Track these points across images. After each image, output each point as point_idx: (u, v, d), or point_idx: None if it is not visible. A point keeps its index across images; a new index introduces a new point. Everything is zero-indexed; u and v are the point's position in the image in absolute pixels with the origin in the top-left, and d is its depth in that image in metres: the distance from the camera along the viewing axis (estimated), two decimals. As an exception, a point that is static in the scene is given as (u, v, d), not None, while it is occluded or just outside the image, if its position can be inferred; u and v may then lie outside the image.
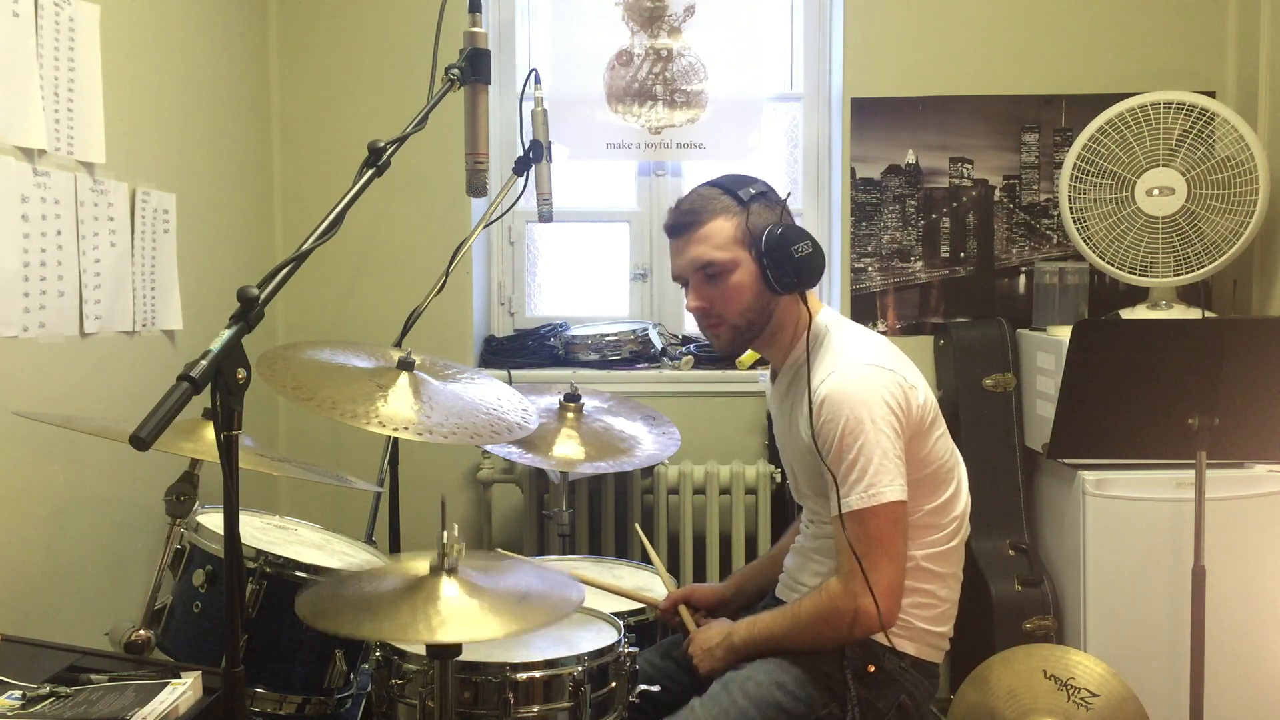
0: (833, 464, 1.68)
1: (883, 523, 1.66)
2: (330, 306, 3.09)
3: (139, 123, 2.29)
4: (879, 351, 1.79)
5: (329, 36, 3.07)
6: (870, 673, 1.74)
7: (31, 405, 1.92)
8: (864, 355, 1.76)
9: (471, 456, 3.03)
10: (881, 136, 3.04)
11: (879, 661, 1.75)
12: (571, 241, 3.33)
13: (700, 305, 1.84)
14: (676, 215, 1.86)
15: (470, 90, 1.69)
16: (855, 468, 1.66)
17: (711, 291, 1.82)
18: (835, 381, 1.71)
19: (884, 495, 1.65)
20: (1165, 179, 2.64)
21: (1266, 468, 2.50)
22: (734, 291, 1.81)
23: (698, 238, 1.82)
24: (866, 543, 1.66)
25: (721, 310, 1.83)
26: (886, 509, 1.66)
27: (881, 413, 1.68)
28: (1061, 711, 2.17)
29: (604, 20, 3.16)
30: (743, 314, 1.82)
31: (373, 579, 1.57)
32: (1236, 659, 2.46)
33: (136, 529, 2.26)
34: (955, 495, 1.82)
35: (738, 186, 1.83)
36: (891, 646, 1.74)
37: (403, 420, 1.73)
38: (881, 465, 1.66)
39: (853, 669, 1.73)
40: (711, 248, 1.80)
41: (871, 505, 1.65)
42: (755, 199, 1.81)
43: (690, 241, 1.83)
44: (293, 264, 1.32)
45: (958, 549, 1.83)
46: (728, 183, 1.85)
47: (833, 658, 1.74)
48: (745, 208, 1.80)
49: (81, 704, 1.39)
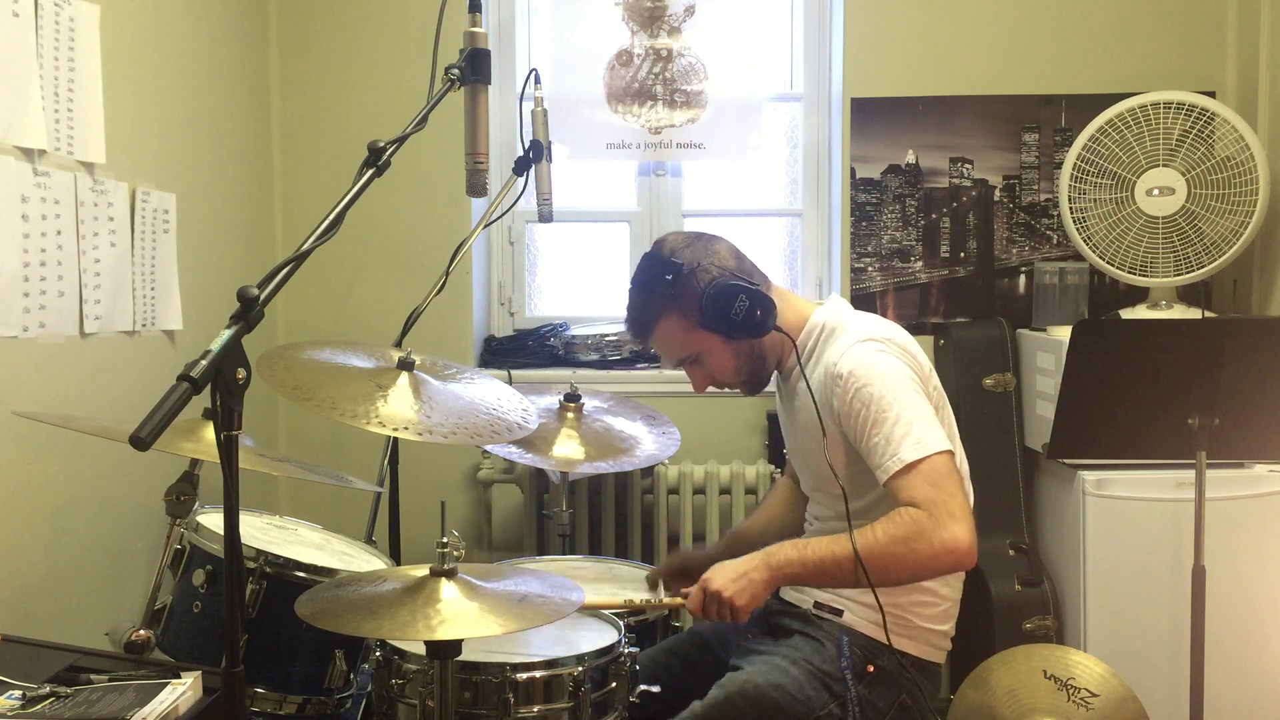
0: (872, 430, 1.69)
1: (941, 469, 1.64)
2: (330, 306, 3.09)
3: (139, 123, 2.29)
4: (887, 331, 1.82)
5: (329, 36, 3.07)
6: (870, 672, 1.74)
7: (31, 405, 1.92)
8: (876, 332, 1.80)
9: (471, 456, 3.03)
10: (881, 136, 3.04)
11: (879, 661, 1.75)
12: (571, 241, 3.32)
13: (704, 383, 1.91)
14: (628, 327, 1.92)
15: (470, 90, 1.69)
16: (899, 424, 1.66)
17: (703, 371, 1.89)
18: (855, 356, 1.74)
19: (935, 445, 1.65)
20: (1165, 179, 2.64)
21: (1266, 468, 2.50)
22: (717, 364, 1.87)
23: (657, 343, 1.90)
24: (942, 482, 1.63)
25: (722, 379, 1.90)
26: (941, 457, 1.65)
27: (910, 375, 1.73)
28: (1061, 711, 2.17)
29: (604, 20, 3.16)
30: (738, 371, 1.88)
31: (372, 581, 1.57)
32: (1236, 659, 2.46)
33: (136, 529, 2.26)
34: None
35: (655, 283, 1.82)
36: (891, 646, 1.74)
37: (403, 420, 1.73)
38: (924, 420, 1.68)
39: (852, 669, 1.73)
40: (674, 348, 1.87)
41: (926, 455, 1.64)
42: (676, 284, 1.79)
43: (654, 345, 1.91)
44: (293, 264, 1.31)
45: None
46: (647, 281, 1.84)
47: (833, 658, 1.74)
48: (673, 299, 1.80)
49: (81, 704, 1.39)
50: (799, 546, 1.68)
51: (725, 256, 1.83)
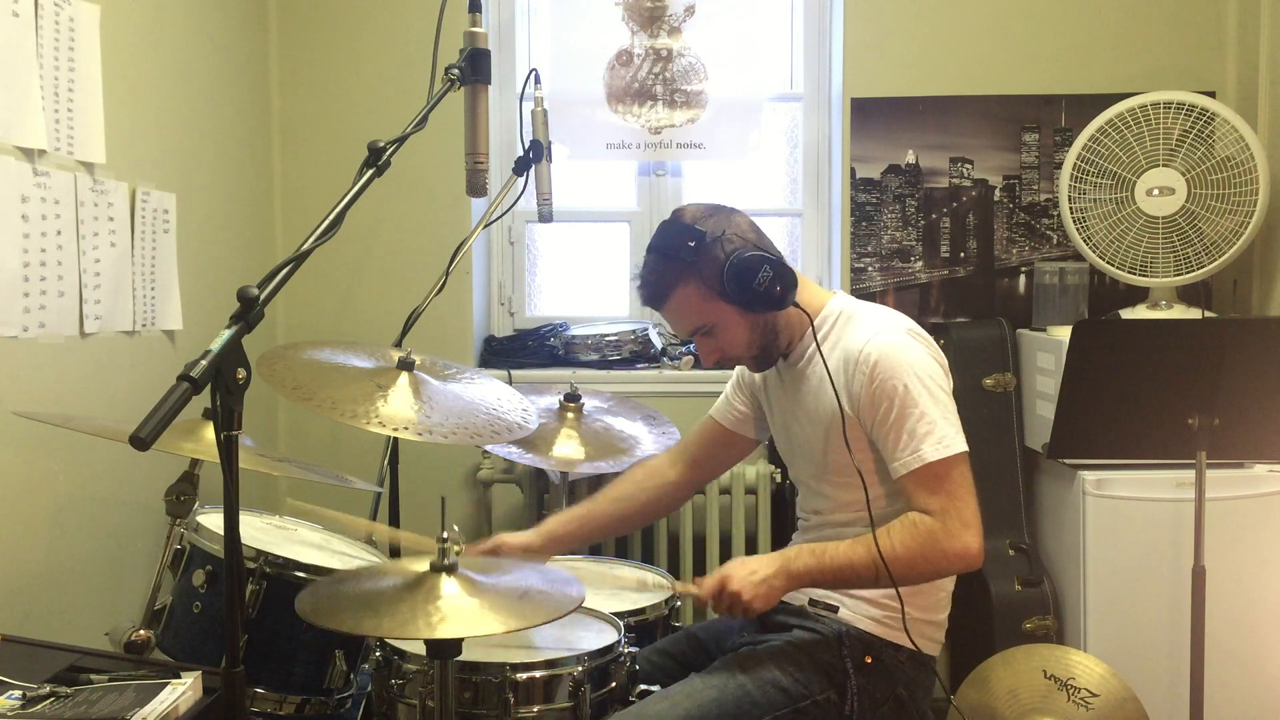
0: (896, 421, 1.70)
1: (959, 471, 1.70)
2: (330, 306, 3.08)
3: (139, 123, 2.29)
4: (907, 323, 1.83)
5: (329, 36, 3.07)
6: (868, 664, 1.76)
7: (31, 405, 1.92)
8: (903, 323, 1.81)
9: (471, 456, 3.03)
10: (881, 136, 3.04)
11: (876, 654, 1.76)
12: (571, 241, 3.33)
13: (713, 356, 1.87)
14: (642, 293, 1.88)
15: (470, 90, 1.69)
16: (924, 421, 1.69)
17: (714, 343, 1.86)
18: (883, 344, 1.74)
19: (955, 445, 1.70)
20: (1165, 179, 2.64)
21: (1266, 468, 2.51)
22: (731, 337, 1.84)
23: (671, 311, 1.86)
24: (956, 487, 1.69)
25: (732, 353, 1.87)
26: (960, 458, 1.70)
27: (935, 372, 1.75)
28: (1061, 711, 2.17)
29: (604, 20, 3.16)
30: (750, 346, 1.86)
31: (372, 577, 1.57)
32: (1236, 659, 2.46)
33: (136, 529, 2.26)
34: None
35: (677, 249, 1.79)
36: (886, 640, 1.76)
37: (403, 420, 1.73)
38: (947, 419, 1.71)
39: (852, 659, 1.75)
40: (689, 317, 1.84)
41: (946, 455, 1.68)
42: (698, 251, 1.77)
43: (668, 314, 1.87)
44: (293, 264, 1.32)
45: None
46: (667, 247, 1.81)
47: (832, 648, 1.76)
48: (694, 267, 1.78)
49: (81, 704, 1.39)
50: (817, 554, 1.72)
51: (746, 229, 1.83)
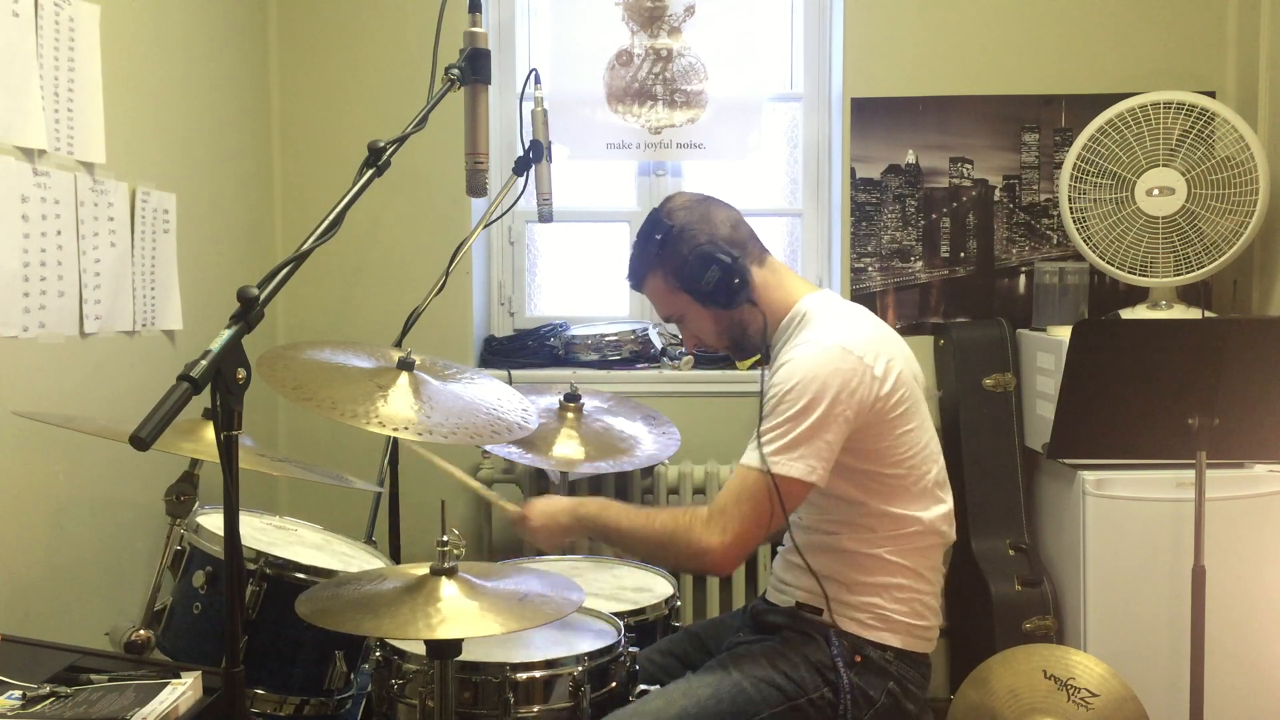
0: (765, 416, 1.71)
1: (760, 490, 1.68)
2: (330, 306, 3.08)
3: (139, 123, 2.29)
4: (857, 334, 1.78)
5: (329, 36, 3.06)
6: (859, 662, 1.77)
7: (31, 405, 1.92)
8: (838, 336, 1.76)
9: (471, 456, 3.03)
10: (881, 136, 3.04)
11: (864, 652, 1.76)
12: (571, 241, 3.32)
13: (691, 342, 1.99)
14: (628, 277, 1.97)
15: (470, 90, 1.69)
16: (780, 428, 1.69)
17: (688, 330, 1.96)
18: (801, 352, 1.75)
19: (785, 469, 1.67)
20: (1165, 179, 2.64)
21: (1266, 468, 2.50)
22: (699, 327, 1.93)
23: (648, 296, 1.96)
24: (746, 497, 1.69)
25: (705, 341, 1.96)
26: (783, 481, 1.67)
27: (834, 394, 1.69)
28: (1061, 711, 2.17)
29: (604, 20, 3.16)
30: (720, 336, 1.93)
31: (372, 580, 1.57)
32: (1236, 659, 2.46)
33: (136, 529, 2.26)
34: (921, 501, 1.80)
35: (647, 240, 1.88)
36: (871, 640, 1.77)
37: (403, 420, 1.73)
38: (807, 441, 1.67)
39: (843, 658, 1.75)
40: (660, 305, 1.95)
41: (767, 471, 1.67)
42: (663, 244, 1.85)
43: (648, 297, 1.97)
44: (293, 264, 1.31)
45: (934, 548, 1.83)
46: (641, 236, 1.91)
47: (823, 648, 1.77)
48: (659, 259, 1.87)
49: (81, 704, 1.39)
50: (603, 506, 1.86)
51: (719, 224, 1.86)
